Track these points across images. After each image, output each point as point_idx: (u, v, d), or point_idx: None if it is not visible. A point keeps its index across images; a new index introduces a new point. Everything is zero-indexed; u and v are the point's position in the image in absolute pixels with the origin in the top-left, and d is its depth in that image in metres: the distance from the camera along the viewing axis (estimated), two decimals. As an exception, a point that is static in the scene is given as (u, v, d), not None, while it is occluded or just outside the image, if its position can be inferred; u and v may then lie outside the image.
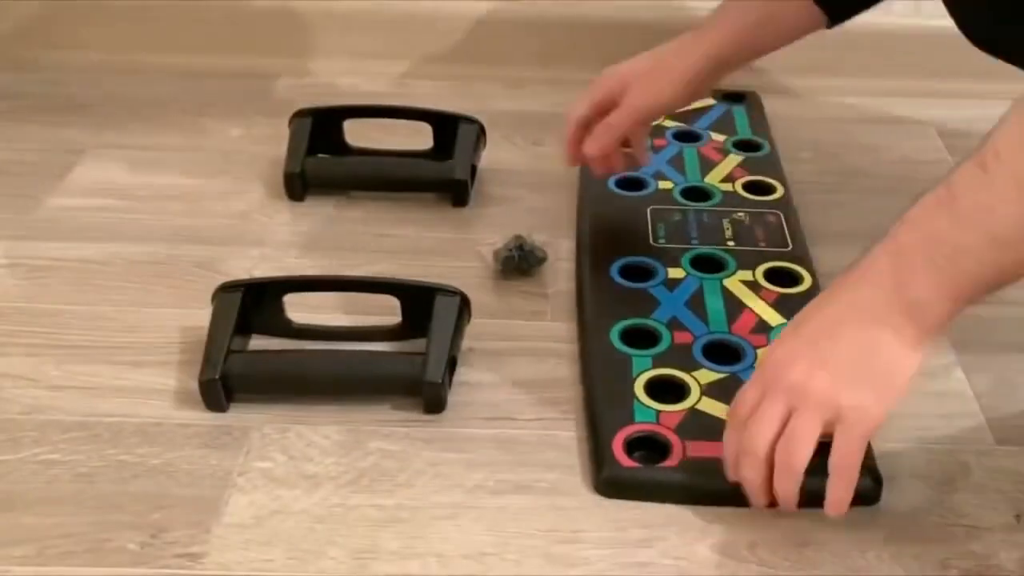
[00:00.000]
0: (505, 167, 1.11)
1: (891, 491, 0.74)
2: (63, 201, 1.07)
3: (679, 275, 0.92)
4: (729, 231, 0.98)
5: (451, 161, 1.06)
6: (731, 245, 0.96)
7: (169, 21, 1.33)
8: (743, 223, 0.99)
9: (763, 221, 0.99)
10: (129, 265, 0.97)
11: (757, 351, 0.83)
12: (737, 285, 0.91)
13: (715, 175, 1.07)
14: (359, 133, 1.11)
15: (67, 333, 0.89)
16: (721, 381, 0.81)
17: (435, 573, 0.69)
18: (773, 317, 0.87)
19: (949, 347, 0.88)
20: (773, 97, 1.23)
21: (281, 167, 1.07)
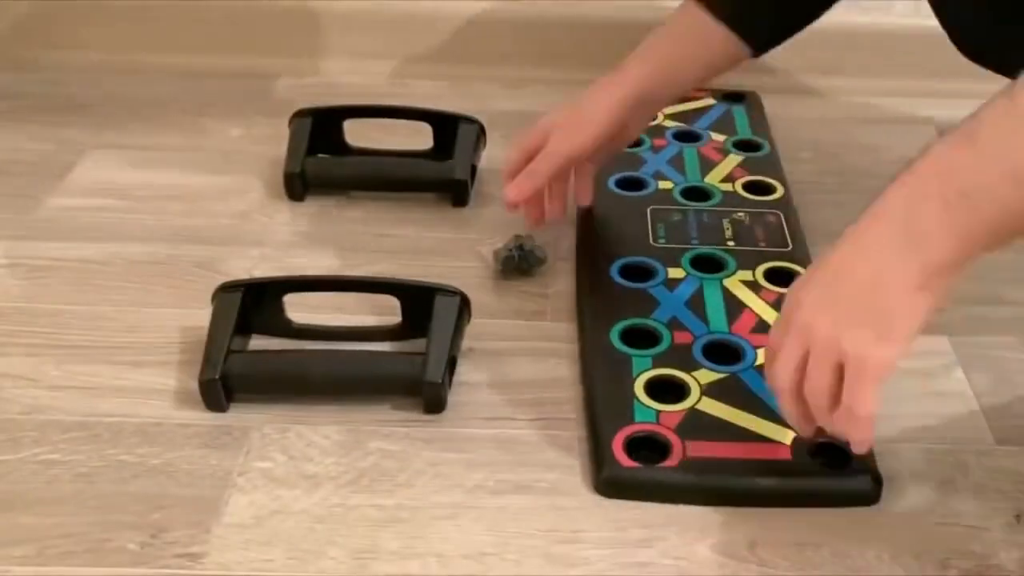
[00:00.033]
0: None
1: (891, 491, 0.74)
2: (63, 201, 1.07)
3: (679, 275, 0.92)
4: (729, 231, 0.98)
5: (451, 161, 1.06)
6: (731, 245, 0.96)
7: (169, 21, 1.33)
8: (743, 223, 0.99)
9: (763, 221, 0.99)
10: (129, 265, 0.97)
11: (757, 351, 0.83)
12: (737, 285, 0.91)
13: (715, 175, 1.07)
14: (359, 133, 1.11)
15: (67, 333, 0.89)
16: (721, 381, 0.81)
17: (435, 573, 0.69)
18: (773, 317, 0.86)
19: (949, 347, 0.88)
20: (773, 97, 1.23)
21: (281, 167, 1.07)
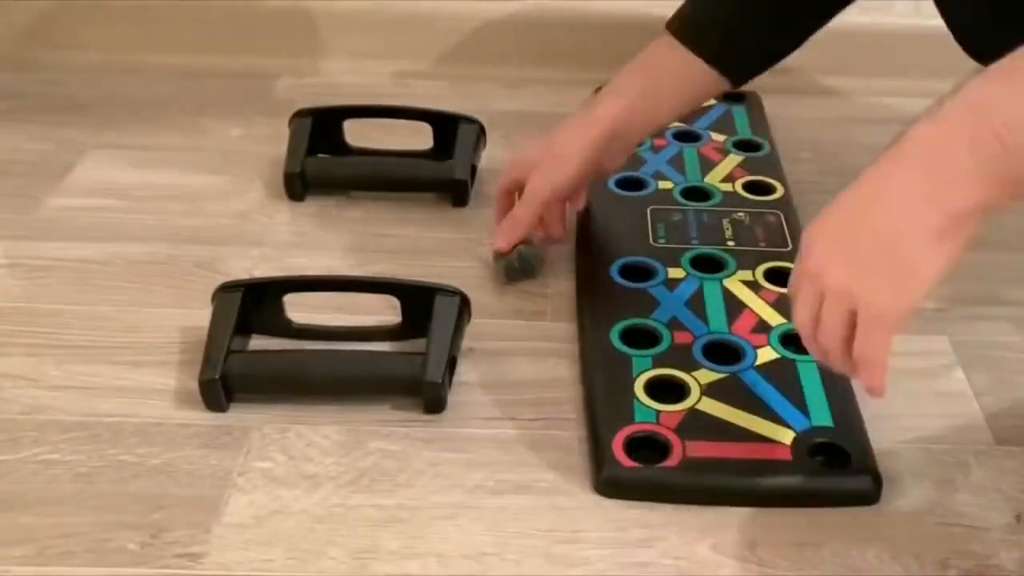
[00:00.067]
0: (505, 167, 1.10)
1: (891, 491, 0.74)
2: (63, 201, 1.07)
3: (679, 275, 0.92)
4: (729, 231, 0.98)
5: (451, 161, 1.06)
6: (731, 245, 0.96)
7: (169, 21, 1.33)
8: (743, 223, 0.99)
9: (763, 221, 0.99)
10: (129, 265, 0.97)
11: (757, 351, 0.83)
12: (737, 285, 0.91)
13: (715, 175, 1.07)
14: (359, 133, 1.11)
15: (67, 333, 0.89)
16: (721, 381, 0.81)
17: (435, 573, 0.69)
18: (773, 317, 0.87)
19: (949, 347, 0.88)
20: (773, 97, 1.23)
21: (281, 167, 1.07)
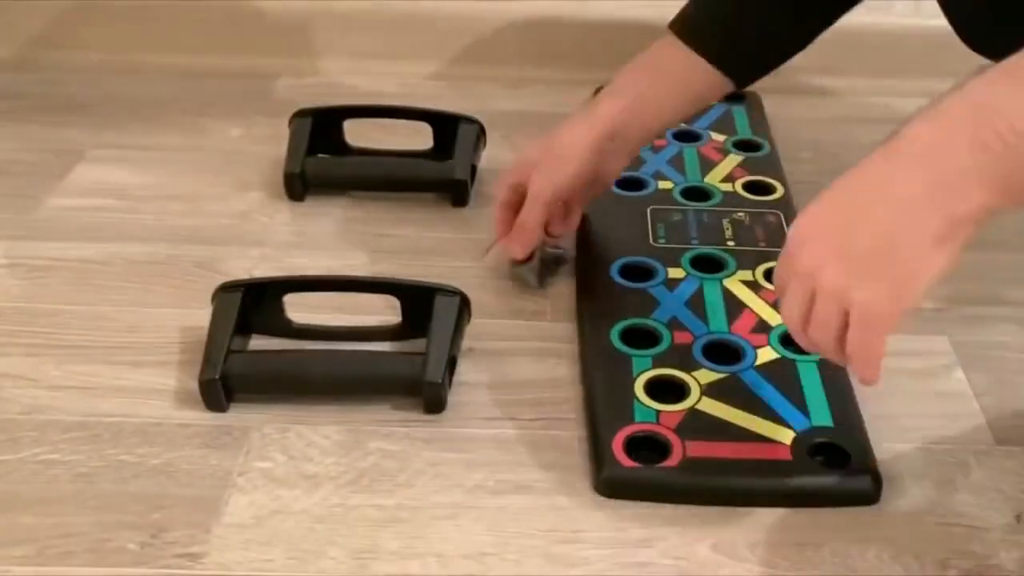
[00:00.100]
0: (505, 167, 1.10)
1: (891, 491, 0.74)
2: (63, 201, 1.07)
3: (679, 275, 0.92)
4: (729, 231, 0.98)
5: (451, 161, 1.06)
6: (731, 245, 0.96)
7: (169, 21, 1.33)
8: (743, 223, 0.99)
9: (763, 221, 0.99)
10: (129, 265, 0.97)
11: (757, 351, 0.83)
12: (737, 285, 0.91)
13: (715, 175, 1.07)
14: (359, 133, 1.11)
15: (67, 333, 0.89)
16: (721, 381, 0.81)
17: (435, 573, 0.69)
18: (773, 317, 0.87)
19: (949, 347, 0.88)
20: (773, 97, 1.23)
21: (281, 167, 1.07)
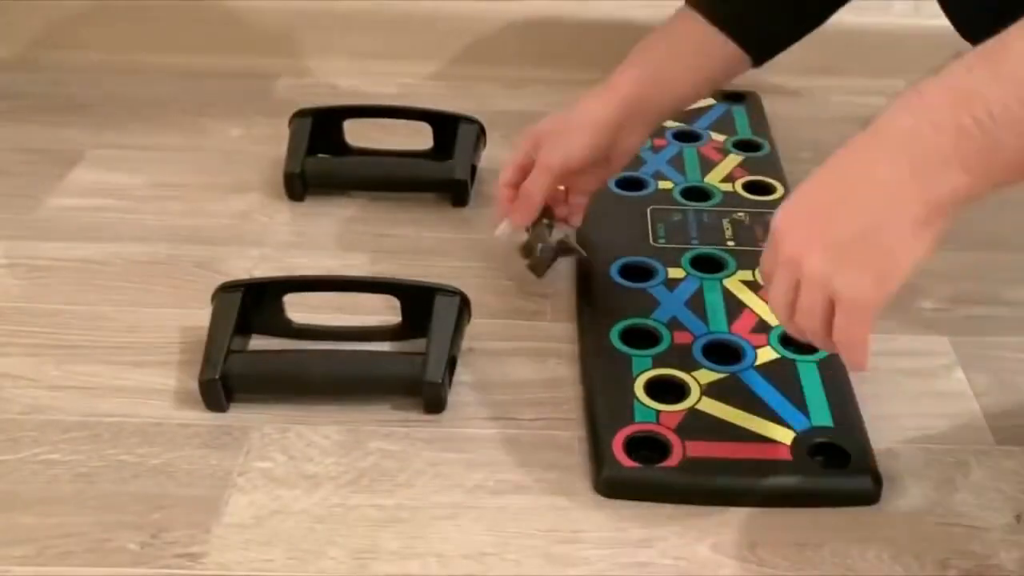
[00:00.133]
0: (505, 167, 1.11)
1: (891, 491, 0.74)
2: (63, 201, 1.07)
3: (679, 275, 0.92)
4: (729, 231, 0.98)
5: (451, 161, 1.06)
6: (731, 245, 0.96)
7: (169, 21, 1.33)
8: (743, 223, 0.99)
9: (763, 221, 0.99)
10: (129, 265, 0.97)
11: (757, 351, 0.83)
12: (737, 285, 0.91)
13: (715, 175, 1.07)
14: (359, 133, 1.11)
15: (67, 333, 0.89)
16: (721, 381, 0.81)
17: (435, 573, 0.69)
18: (773, 317, 0.87)
19: (949, 347, 0.88)
20: (773, 97, 1.23)
21: (281, 167, 1.07)
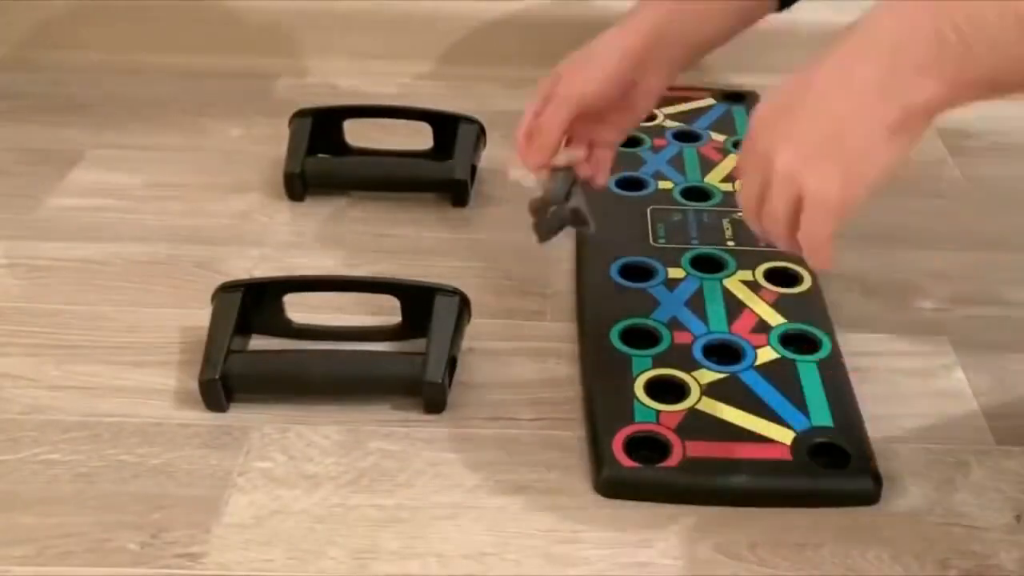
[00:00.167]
0: (505, 167, 1.10)
1: (891, 491, 0.74)
2: (63, 201, 1.07)
3: (679, 275, 0.92)
4: (729, 231, 0.98)
5: (451, 161, 1.06)
6: (731, 245, 0.96)
7: (169, 21, 1.33)
8: (743, 223, 0.99)
9: (763, 221, 0.99)
10: (129, 265, 0.97)
11: (757, 351, 0.83)
12: (737, 285, 0.91)
13: (715, 175, 1.07)
14: (359, 133, 1.10)
15: (67, 333, 0.89)
16: (721, 381, 0.81)
17: (435, 573, 0.69)
18: (773, 317, 0.87)
19: (949, 347, 0.88)
20: (773, 97, 1.23)
21: (281, 167, 1.07)
